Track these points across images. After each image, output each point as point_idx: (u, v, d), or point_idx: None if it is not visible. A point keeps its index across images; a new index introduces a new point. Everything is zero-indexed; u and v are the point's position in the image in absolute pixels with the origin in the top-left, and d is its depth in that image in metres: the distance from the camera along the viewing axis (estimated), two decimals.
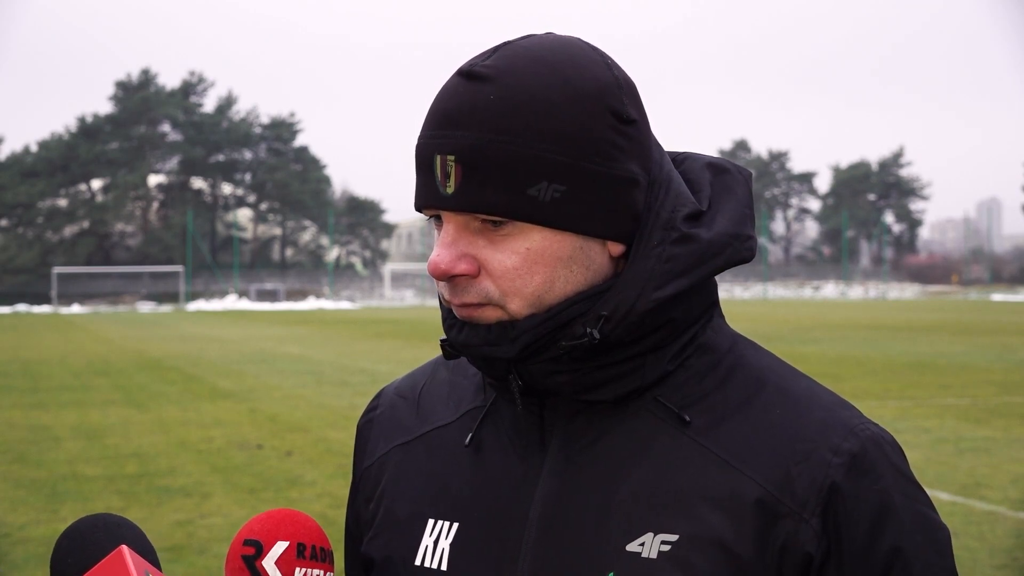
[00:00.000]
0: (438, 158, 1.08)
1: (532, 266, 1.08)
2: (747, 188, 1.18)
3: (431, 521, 1.20)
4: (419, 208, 1.14)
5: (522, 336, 1.09)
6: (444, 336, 1.17)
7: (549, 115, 1.07)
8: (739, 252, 1.14)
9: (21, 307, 58.05)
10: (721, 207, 1.15)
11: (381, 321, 39.49)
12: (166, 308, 58.24)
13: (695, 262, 1.11)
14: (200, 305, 59.15)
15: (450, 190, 1.08)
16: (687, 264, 1.11)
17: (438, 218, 1.12)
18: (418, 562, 1.19)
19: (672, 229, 1.11)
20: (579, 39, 1.15)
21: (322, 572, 1.09)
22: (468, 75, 1.09)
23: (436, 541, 1.19)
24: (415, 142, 1.13)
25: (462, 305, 1.11)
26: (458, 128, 1.07)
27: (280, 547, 1.07)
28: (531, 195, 1.06)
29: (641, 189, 1.12)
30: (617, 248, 1.12)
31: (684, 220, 1.12)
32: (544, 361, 1.11)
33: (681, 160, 1.23)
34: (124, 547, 0.94)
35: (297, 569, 1.07)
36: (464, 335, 1.12)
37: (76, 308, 57.57)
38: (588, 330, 1.09)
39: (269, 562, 1.06)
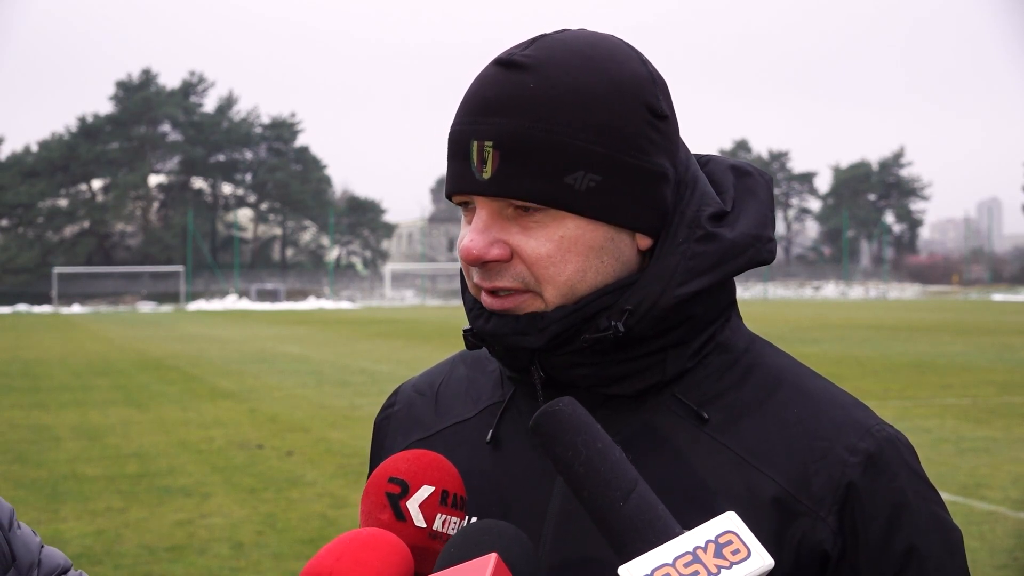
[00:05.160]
0: (475, 144, 1.08)
1: (565, 254, 1.09)
2: (769, 192, 1.20)
3: None
4: (451, 194, 1.13)
5: (551, 326, 1.10)
6: (467, 326, 1.18)
7: (588, 106, 1.07)
8: (760, 253, 1.15)
9: (21, 307, 58.08)
10: (744, 209, 1.17)
11: (381, 321, 39.51)
12: (166, 308, 58.26)
13: (718, 261, 1.12)
14: (200, 305, 59.17)
15: (486, 176, 1.08)
16: (710, 262, 1.12)
17: (467, 205, 1.13)
18: None
19: (697, 227, 1.12)
20: (613, 35, 1.16)
21: (459, 520, 1.08)
22: (508, 64, 1.10)
23: None
24: (449, 129, 1.13)
25: (495, 290, 1.12)
26: (497, 115, 1.08)
27: (426, 491, 1.06)
28: (568, 183, 1.07)
29: (670, 185, 1.13)
30: (645, 242, 1.13)
31: (708, 219, 1.13)
32: (567, 353, 1.12)
33: (705, 161, 1.24)
34: (495, 555, 0.93)
35: (438, 515, 1.06)
36: (492, 324, 1.13)
37: (76, 308, 57.59)
38: (613, 323, 1.09)
39: (414, 504, 1.05)
